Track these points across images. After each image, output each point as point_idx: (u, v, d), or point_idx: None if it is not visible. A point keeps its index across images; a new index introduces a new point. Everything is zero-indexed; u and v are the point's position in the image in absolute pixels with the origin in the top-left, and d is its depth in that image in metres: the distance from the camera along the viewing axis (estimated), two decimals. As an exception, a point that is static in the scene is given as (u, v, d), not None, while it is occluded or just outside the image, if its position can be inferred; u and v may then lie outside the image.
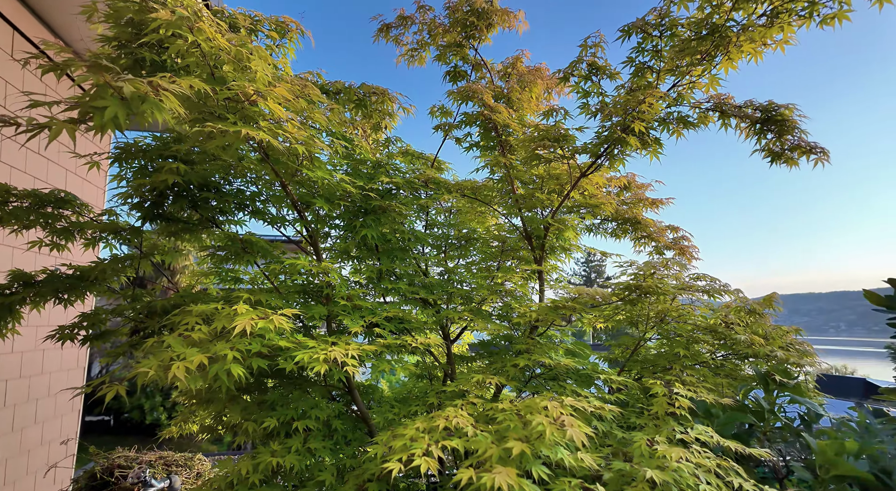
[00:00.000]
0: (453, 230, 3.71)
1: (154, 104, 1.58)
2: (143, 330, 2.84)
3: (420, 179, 3.18)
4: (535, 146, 3.03)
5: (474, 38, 3.84)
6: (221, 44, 1.88)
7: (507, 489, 1.42)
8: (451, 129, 3.78)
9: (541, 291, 3.35)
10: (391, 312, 2.76)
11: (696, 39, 2.63)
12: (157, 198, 2.76)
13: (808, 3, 2.42)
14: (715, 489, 1.94)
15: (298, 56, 3.26)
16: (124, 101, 1.54)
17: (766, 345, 3.09)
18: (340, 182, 2.63)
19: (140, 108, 1.55)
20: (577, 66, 3.17)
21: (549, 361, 2.50)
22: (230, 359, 1.91)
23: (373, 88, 3.48)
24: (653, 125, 2.89)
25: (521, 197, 3.28)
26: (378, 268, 3.11)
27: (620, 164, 3.10)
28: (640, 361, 3.34)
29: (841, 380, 13.16)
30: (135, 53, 2.38)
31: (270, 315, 2.04)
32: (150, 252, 3.09)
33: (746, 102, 3.11)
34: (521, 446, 1.56)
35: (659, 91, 2.61)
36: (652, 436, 2.19)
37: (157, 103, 1.58)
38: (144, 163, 2.80)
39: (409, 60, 4.34)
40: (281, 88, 1.88)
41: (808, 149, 3.11)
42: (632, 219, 4.09)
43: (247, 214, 3.01)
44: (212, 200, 2.82)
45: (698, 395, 2.66)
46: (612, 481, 1.94)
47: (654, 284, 2.62)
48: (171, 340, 1.89)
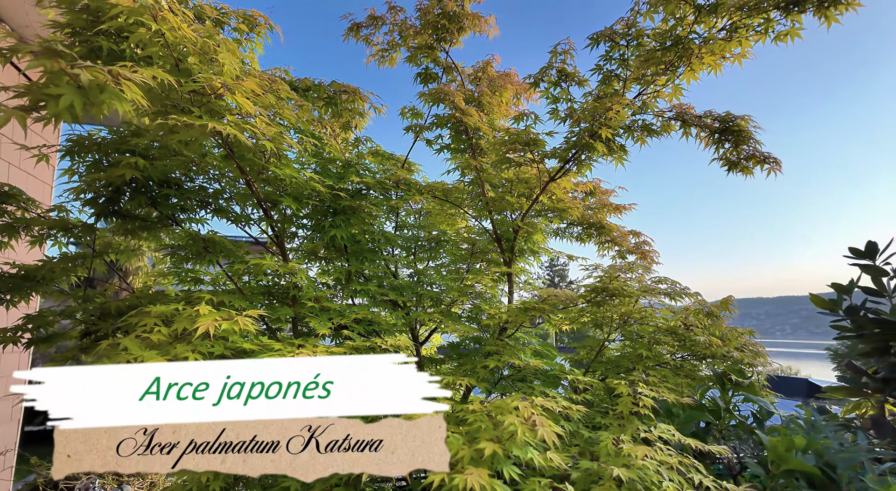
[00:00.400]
0: (423, 232, 3.70)
1: (114, 94, 1.50)
2: (95, 333, 2.69)
3: (391, 180, 3.16)
4: (505, 149, 3.06)
5: (445, 41, 3.85)
6: (187, 34, 1.81)
7: (479, 490, 1.41)
8: (422, 131, 3.77)
9: (510, 292, 3.38)
10: (360, 313, 2.72)
11: (661, 50, 2.73)
12: (112, 194, 2.63)
13: (764, 20, 2.55)
14: (677, 486, 2.01)
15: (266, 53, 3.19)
16: (81, 90, 1.46)
17: (723, 346, 3.22)
18: (309, 181, 2.58)
19: (99, 97, 1.47)
20: (547, 72, 3.23)
21: (519, 361, 2.52)
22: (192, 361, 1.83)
23: (343, 86, 3.43)
24: (619, 132, 2.97)
25: (492, 200, 3.30)
26: (347, 269, 3.06)
27: (588, 169, 3.17)
28: (604, 362, 3.41)
29: (786, 380, 13.85)
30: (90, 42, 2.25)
31: (235, 316, 1.97)
32: (103, 251, 2.94)
33: (706, 113, 3.24)
34: (493, 447, 1.56)
35: (625, 98, 2.69)
36: (617, 435, 2.24)
37: (118, 93, 1.50)
38: (99, 157, 2.66)
39: (380, 61, 4.31)
40: (249, 82, 1.83)
41: (762, 159, 3.27)
42: (596, 223, 4.19)
43: (209, 212, 2.90)
44: (172, 197, 2.71)
45: (660, 395, 2.73)
46: (580, 480, 1.96)
47: (620, 286, 2.68)
48: (128, 343, 1.79)
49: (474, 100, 3.63)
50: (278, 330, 2.96)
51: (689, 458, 2.23)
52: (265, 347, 2.18)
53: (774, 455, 2.80)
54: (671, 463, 2.10)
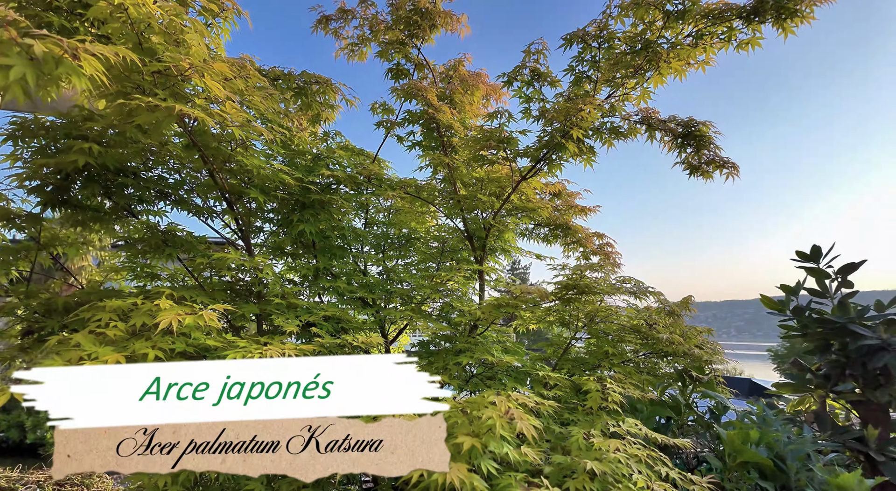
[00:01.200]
0: (393, 229, 3.64)
1: (71, 68, 1.39)
2: (39, 331, 2.50)
3: (363, 174, 3.09)
4: (479, 147, 3.06)
5: (417, 38, 3.83)
6: (152, 10, 1.71)
7: (458, 485, 1.39)
8: (393, 127, 3.72)
9: (481, 290, 3.38)
10: (329, 311, 2.65)
11: (631, 53, 2.80)
12: (62, 181, 2.45)
13: (727, 28, 2.67)
14: (646, 478, 2.05)
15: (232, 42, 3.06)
16: (34, 62, 1.34)
17: (684, 343, 3.32)
18: (279, 172, 2.49)
19: (55, 71, 1.37)
20: (521, 71, 3.26)
21: (491, 358, 2.51)
22: (151, 358, 1.72)
23: (315, 77, 3.34)
24: (589, 134, 3.02)
25: (464, 197, 3.29)
26: (315, 266, 2.97)
27: (558, 169, 3.21)
28: (570, 360, 3.46)
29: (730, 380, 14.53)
30: (39, 17, 2.10)
31: (199, 311, 1.87)
32: (49, 243, 2.74)
33: (670, 117, 3.35)
34: (472, 441, 1.54)
35: (596, 99, 2.75)
36: (588, 430, 2.26)
37: (76, 68, 1.40)
38: (46, 143, 2.48)
39: (349, 55, 4.24)
40: (220, 65, 1.74)
41: (721, 163, 3.41)
42: (563, 225, 4.25)
43: (169, 204, 2.75)
44: (129, 187, 2.55)
45: (626, 391, 2.79)
46: (553, 474, 1.97)
47: (591, 283, 2.73)
48: (81, 338, 1.67)
49: (446, 97, 3.62)
50: (241, 328, 2.84)
51: (656, 451, 2.28)
52: (230, 343, 2.08)
53: (731, 448, 2.91)
54: (640, 456, 2.15)
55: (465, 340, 2.84)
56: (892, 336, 3.16)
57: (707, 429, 3.65)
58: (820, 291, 3.54)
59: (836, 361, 3.40)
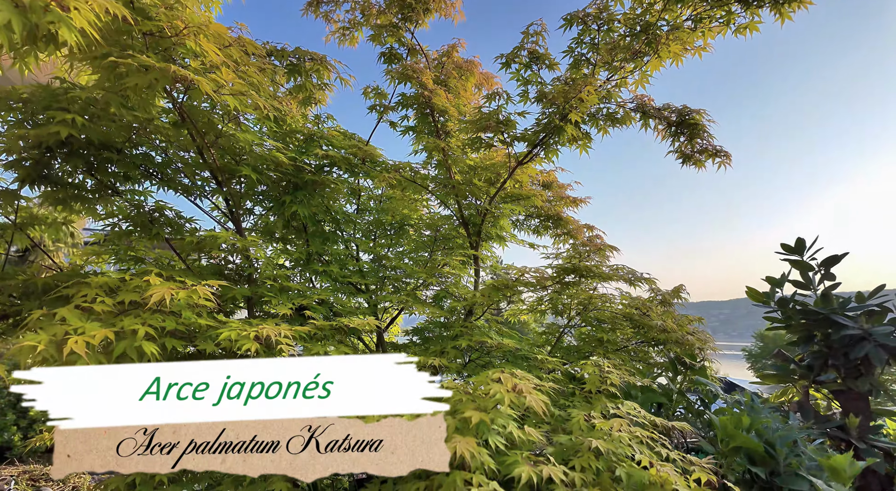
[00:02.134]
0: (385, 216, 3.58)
1: (60, 18, 1.31)
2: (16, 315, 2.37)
3: (357, 156, 3.02)
4: (477, 129, 3.02)
5: (410, 21, 3.77)
6: (145, -33, 1.63)
7: (468, 457, 1.35)
8: (386, 111, 3.65)
9: (476, 274, 3.34)
10: (323, 295, 2.58)
11: (631, 35, 2.79)
12: (42, 156, 2.32)
13: (726, 12, 2.69)
14: (648, 457, 2.04)
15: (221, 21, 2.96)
16: (20, 10, 1.26)
17: (677, 330, 3.34)
18: (272, 151, 2.41)
19: (42, 20, 1.28)
20: (519, 52, 3.23)
21: (491, 341, 2.47)
22: (141, 335, 1.64)
23: (309, 53, 3.25)
24: (586, 119, 3.01)
25: (459, 183, 3.25)
26: (307, 250, 2.89)
27: (554, 154, 3.19)
28: (563, 349, 3.45)
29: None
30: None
31: (192, 285, 1.79)
32: (27, 223, 2.61)
33: (665, 105, 3.36)
34: (480, 415, 1.50)
35: (597, 80, 2.73)
36: (588, 412, 2.25)
37: (65, 18, 1.31)
38: (24, 116, 2.35)
39: (341, 39, 4.16)
40: (217, 26, 1.67)
41: (713, 152, 3.43)
42: (554, 216, 4.24)
43: (155, 183, 2.64)
44: (113, 164, 2.44)
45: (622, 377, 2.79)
46: (556, 454, 1.94)
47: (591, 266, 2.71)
48: (67, 313, 1.58)
49: (441, 82, 3.57)
50: (232, 313, 2.74)
51: (656, 433, 2.28)
52: (222, 323, 2.00)
53: (724, 433, 2.93)
54: (641, 437, 2.13)
55: (462, 324, 2.80)
56: (872, 326, 3.23)
57: (698, 416, 3.68)
58: (804, 283, 3.60)
59: (818, 351, 3.46)
